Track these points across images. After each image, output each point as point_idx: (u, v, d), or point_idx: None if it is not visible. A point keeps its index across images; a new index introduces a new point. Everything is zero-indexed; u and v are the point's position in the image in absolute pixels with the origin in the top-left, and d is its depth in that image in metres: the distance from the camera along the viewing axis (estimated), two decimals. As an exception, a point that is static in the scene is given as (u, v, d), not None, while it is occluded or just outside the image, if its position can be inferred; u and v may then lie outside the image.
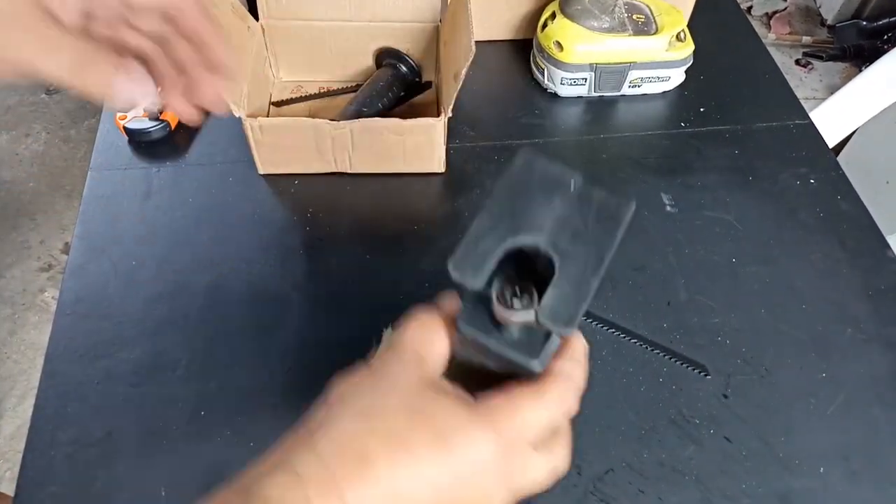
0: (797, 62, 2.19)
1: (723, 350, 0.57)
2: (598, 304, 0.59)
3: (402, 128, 0.62)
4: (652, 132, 0.73)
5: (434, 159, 0.66)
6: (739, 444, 0.52)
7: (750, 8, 2.32)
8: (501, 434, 0.29)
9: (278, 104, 0.73)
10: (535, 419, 0.30)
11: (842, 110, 1.22)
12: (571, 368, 0.32)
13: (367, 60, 0.74)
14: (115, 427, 0.51)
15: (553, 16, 0.73)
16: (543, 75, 0.75)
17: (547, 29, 0.73)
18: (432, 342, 0.32)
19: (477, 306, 0.32)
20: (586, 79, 0.73)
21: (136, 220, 0.63)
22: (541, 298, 0.30)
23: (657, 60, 0.73)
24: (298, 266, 0.60)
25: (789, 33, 2.26)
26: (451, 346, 0.33)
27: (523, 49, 0.80)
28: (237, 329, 0.57)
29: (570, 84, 0.74)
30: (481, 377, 0.33)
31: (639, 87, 0.75)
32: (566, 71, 0.72)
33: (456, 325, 0.32)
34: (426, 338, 0.32)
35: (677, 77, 0.76)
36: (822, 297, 0.60)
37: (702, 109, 0.75)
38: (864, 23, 2.11)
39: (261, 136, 0.63)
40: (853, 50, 2.07)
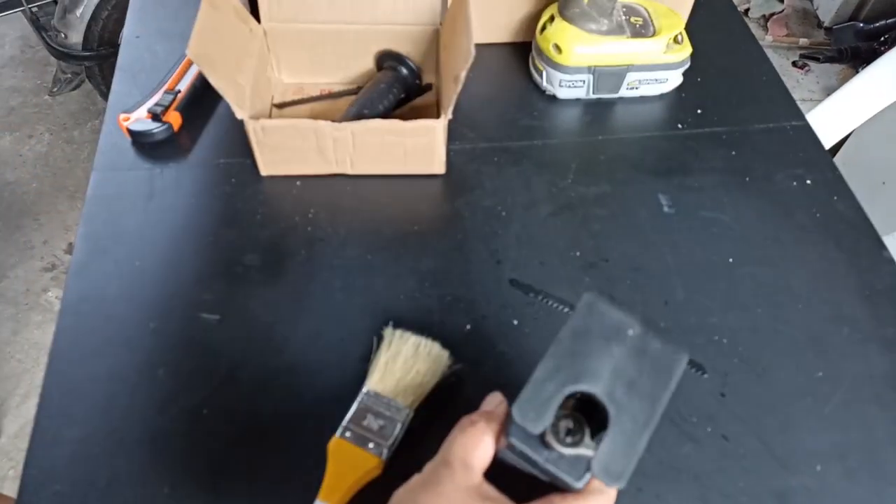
0: (794, 64, 2.20)
1: (720, 349, 0.57)
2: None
3: (403, 129, 0.63)
4: (649, 134, 0.74)
5: (434, 161, 0.67)
6: (737, 442, 0.52)
7: (747, 10, 2.33)
8: None
9: (280, 106, 0.74)
10: None
11: (839, 112, 1.23)
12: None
13: (368, 63, 0.75)
14: (118, 426, 0.51)
15: (552, 19, 0.74)
16: (542, 78, 0.75)
17: (545, 32, 0.74)
18: (477, 450, 0.36)
19: None
20: (584, 81, 0.74)
21: (139, 221, 0.63)
22: (592, 436, 0.34)
23: (655, 63, 0.73)
24: (300, 266, 0.61)
25: (786, 35, 2.27)
26: (497, 448, 0.36)
27: (522, 52, 0.80)
28: (239, 329, 0.57)
29: (569, 86, 0.74)
30: (521, 474, 0.37)
31: (636, 89, 0.76)
32: (565, 73, 0.73)
33: (505, 432, 0.35)
34: (472, 447, 0.36)
35: (675, 79, 0.76)
36: (819, 296, 0.61)
37: (699, 111, 0.76)
38: (860, 25, 2.11)
39: (263, 137, 0.63)
40: (850, 52, 2.07)
